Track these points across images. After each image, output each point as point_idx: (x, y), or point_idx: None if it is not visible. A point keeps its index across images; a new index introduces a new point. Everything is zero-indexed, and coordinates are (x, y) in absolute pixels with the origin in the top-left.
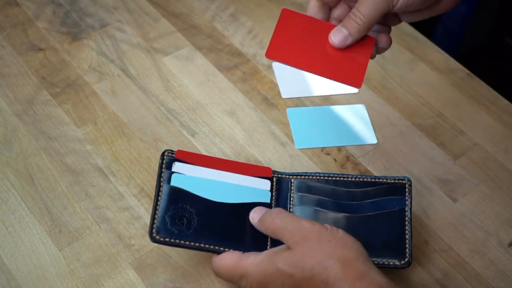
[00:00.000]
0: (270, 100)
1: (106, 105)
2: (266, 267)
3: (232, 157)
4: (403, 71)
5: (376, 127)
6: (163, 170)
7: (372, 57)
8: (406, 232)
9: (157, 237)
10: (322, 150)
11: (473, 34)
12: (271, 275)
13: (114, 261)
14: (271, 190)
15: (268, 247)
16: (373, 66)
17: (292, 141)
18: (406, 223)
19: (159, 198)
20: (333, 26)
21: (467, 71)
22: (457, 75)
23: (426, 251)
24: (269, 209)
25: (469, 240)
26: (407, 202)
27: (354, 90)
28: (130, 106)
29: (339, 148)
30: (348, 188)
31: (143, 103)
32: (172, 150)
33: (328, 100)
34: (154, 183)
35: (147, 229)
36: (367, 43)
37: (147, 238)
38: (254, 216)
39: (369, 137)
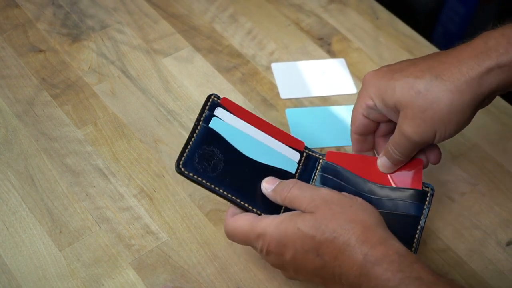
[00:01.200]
0: (269, 101)
1: (106, 106)
2: (287, 228)
3: None
4: None
5: None
6: (205, 110)
7: (424, 166)
8: (415, 239)
9: (182, 169)
10: (321, 150)
11: (472, 35)
12: (291, 235)
13: (114, 261)
14: (299, 163)
15: (282, 211)
16: (372, 67)
17: None
18: (418, 231)
19: (194, 134)
20: (375, 158)
21: None
22: None
23: (424, 251)
24: (282, 180)
25: (467, 240)
26: (424, 211)
27: (353, 90)
28: (130, 107)
29: (338, 148)
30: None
31: (143, 104)
32: (218, 96)
33: (327, 100)
34: (153, 184)
35: (147, 229)
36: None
37: (147, 238)
38: (267, 187)
39: None
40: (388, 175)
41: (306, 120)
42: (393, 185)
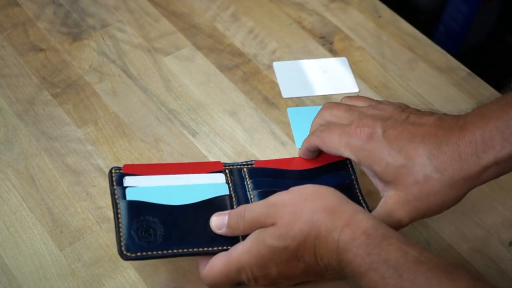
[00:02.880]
0: (270, 100)
1: (107, 105)
2: (258, 249)
3: (233, 157)
4: (403, 70)
5: None
6: (115, 187)
7: None
8: (362, 203)
9: (129, 254)
10: None
11: (474, 34)
12: (266, 254)
13: (115, 261)
14: (227, 182)
15: (240, 236)
16: (374, 65)
17: (293, 140)
18: (359, 194)
19: (119, 215)
20: (300, 158)
21: (468, 70)
22: (458, 74)
23: None
24: (230, 212)
25: (470, 239)
26: (353, 176)
27: (354, 89)
28: (131, 106)
29: None
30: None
31: (144, 103)
32: (118, 167)
33: (328, 99)
34: None
35: None
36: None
37: None
38: (219, 226)
39: None
40: (312, 161)
41: (307, 119)
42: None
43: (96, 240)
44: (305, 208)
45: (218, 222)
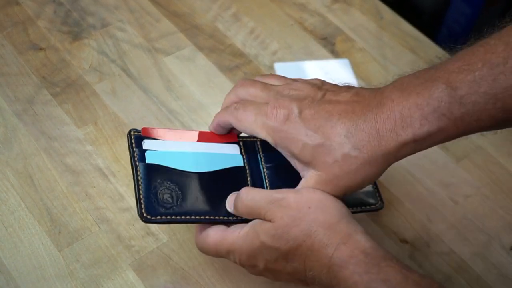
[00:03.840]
0: None
1: (107, 105)
2: (252, 241)
3: None
4: (404, 71)
5: None
6: (134, 149)
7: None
8: (376, 192)
9: (149, 217)
10: None
11: (476, 36)
12: (257, 248)
13: (114, 262)
14: (241, 153)
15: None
16: (375, 66)
17: None
18: (374, 187)
19: (139, 178)
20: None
21: None
22: None
23: (427, 253)
24: (237, 193)
25: (471, 243)
26: None
27: None
28: (131, 106)
29: None
30: None
31: (144, 104)
32: (137, 129)
33: None
34: None
35: (147, 230)
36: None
37: (148, 239)
38: (229, 204)
39: None
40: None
41: None
42: None
43: (95, 241)
44: (306, 217)
45: (229, 200)
